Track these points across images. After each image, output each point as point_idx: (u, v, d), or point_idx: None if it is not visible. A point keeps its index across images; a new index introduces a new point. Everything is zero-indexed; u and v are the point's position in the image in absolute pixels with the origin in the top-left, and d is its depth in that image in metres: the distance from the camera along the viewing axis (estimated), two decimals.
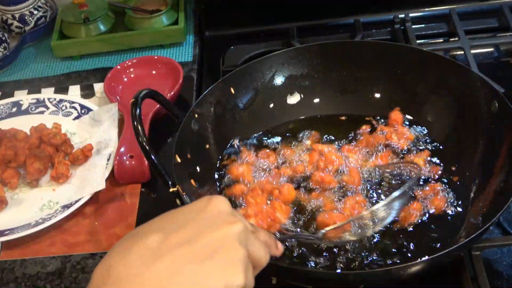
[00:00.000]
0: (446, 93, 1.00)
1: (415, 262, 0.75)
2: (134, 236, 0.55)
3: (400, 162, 0.94)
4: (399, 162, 0.94)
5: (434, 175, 0.93)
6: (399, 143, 0.97)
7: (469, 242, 0.76)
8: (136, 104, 0.84)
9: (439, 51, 1.16)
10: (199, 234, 0.54)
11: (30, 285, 0.91)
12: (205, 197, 0.59)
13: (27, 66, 1.32)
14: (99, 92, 1.22)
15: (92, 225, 0.98)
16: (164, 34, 1.29)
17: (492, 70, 1.16)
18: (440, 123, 1.00)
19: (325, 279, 0.79)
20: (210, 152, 0.99)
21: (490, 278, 0.80)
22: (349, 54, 1.06)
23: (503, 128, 0.89)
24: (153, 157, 0.84)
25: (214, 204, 0.57)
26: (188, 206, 0.59)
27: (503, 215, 0.87)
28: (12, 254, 0.95)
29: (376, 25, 1.29)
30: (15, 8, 1.33)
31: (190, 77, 1.23)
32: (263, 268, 0.61)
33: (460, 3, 1.28)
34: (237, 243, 0.54)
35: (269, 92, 1.06)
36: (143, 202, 1.01)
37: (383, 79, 1.05)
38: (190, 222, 0.55)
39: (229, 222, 0.56)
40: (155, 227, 0.56)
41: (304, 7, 1.30)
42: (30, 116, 1.16)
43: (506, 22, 1.22)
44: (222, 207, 0.58)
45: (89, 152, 1.05)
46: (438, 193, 0.90)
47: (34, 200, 1.02)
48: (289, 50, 1.07)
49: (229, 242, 0.54)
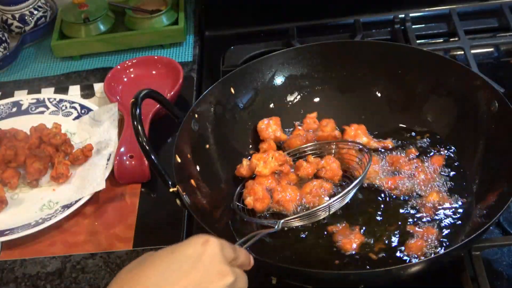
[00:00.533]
0: (446, 93, 1.00)
1: (415, 262, 0.75)
2: (127, 280, 0.56)
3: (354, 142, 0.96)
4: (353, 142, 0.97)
5: (433, 176, 0.93)
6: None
7: (469, 242, 0.76)
8: (136, 104, 0.84)
9: (439, 51, 1.16)
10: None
11: (30, 285, 0.91)
12: (199, 239, 0.59)
13: (27, 66, 1.32)
14: (99, 92, 1.22)
15: (92, 225, 0.98)
16: (164, 34, 1.29)
17: (492, 70, 1.16)
18: (440, 123, 1.00)
19: (325, 279, 0.79)
20: (210, 152, 0.98)
21: (490, 278, 0.80)
22: (349, 54, 1.06)
23: (503, 128, 0.89)
24: (153, 157, 0.84)
25: (208, 253, 0.58)
26: (182, 250, 0.59)
27: (503, 215, 0.87)
28: (12, 254, 0.95)
29: (376, 25, 1.29)
30: (15, 8, 1.33)
31: (190, 77, 1.23)
32: (263, 268, 0.61)
33: (460, 3, 1.28)
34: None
35: (269, 92, 1.06)
36: (143, 202, 1.01)
37: (383, 79, 1.05)
38: (184, 277, 0.56)
39: (221, 275, 0.58)
40: (147, 280, 0.56)
41: (304, 7, 1.30)
42: (30, 116, 1.16)
43: (506, 22, 1.22)
44: (215, 255, 0.58)
45: (89, 152, 1.05)
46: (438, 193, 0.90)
47: (34, 200, 1.02)
48: (289, 50, 1.07)
49: None
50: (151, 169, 1.00)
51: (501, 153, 0.88)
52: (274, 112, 1.06)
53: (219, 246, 0.59)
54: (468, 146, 0.95)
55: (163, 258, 0.58)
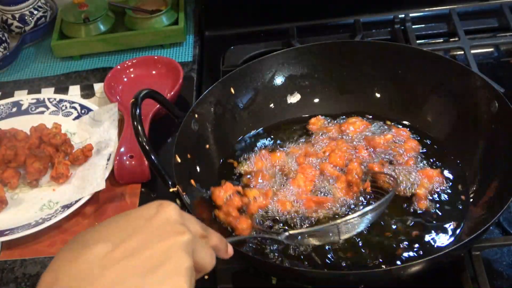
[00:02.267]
0: (446, 93, 1.00)
1: (415, 262, 0.75)
2: (80, 244, 0.55)
3: (381, 172, 0.92)
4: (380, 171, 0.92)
5: (433, 176, 0.93)
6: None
7: (469, 242, 0.76)
8: (136, 104, 0.84)
9: (439, 51, 1.16)
10: (146, 245, 0.53)
11: (30, 285, 0.91)
12: (155, 202, 0.58)
13: (27, 66, 1.32)
14: (99, 92, 1.22)
15: (92, 225, 0.98)
16: (164, 34, 1.29)
17: (492, 70, 1.16)
18: (440, 123, 1.00)
19: (325, 279, 0.79)
20: (210, 152, 0.99)
21: (490, 278, 0.80)
22: (349, 54, 1.06)
23: (503, 128, 0.89)
24: (153, 157, 0.84)
25: (163, 212, 0.56)
26: (137, 211, 0.57)
27: (503, 215, 0.87)
28: (12, 254, 0.95)
29: (376, 25, 1.29)
30: (15, 8, 1.33)
31: (190, 77, 1.23)
32: (263, 268, 0.61)
33: (460, 3, 1.28)
34: (183, 253, 0.54)
35: (269, 92, 1.06)
36: (143, 202, 1.00)
37: (383, 79, 1.05)
38: (137, 231, 0.55)
39: (176, 232, 0.55)
40: (102, 236, 0.55)
41: (304, 7, 1.30)
42: (30, 116, 1.16)
43: (506, 22, 1.22)
44: (171, 215, 0.56)
45: (89, 152, 1.05)
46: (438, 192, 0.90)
47: (34, 200, 1.02)
48: (289, 50, 1.07)
49: (175, 253, 0.54)
50: (151, 169, 1.00)
51: (501, 153, 0.88)
52: (274, 112, 1.06)
53: (175, 210, 0.57)
54: (468, 146, 0.95)
55: (118, 218, 0.57)
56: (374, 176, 0.92)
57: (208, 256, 0.59)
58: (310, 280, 0.80)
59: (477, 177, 0.91)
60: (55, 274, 0.53)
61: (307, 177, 0.93)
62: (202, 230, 0.60)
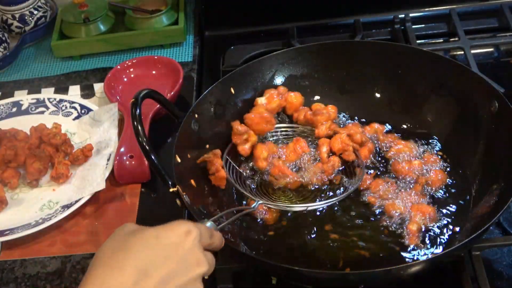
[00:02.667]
0: (446, 93, 1.00)
1: (415, 262, 0.75)
2: (114, 261, 0.59)
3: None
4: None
5: (434, 176, 0.93)
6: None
7: (469, 242, 0.76)
8: (136, 104, 0.84)
9: (439, 51, 1.16)
10: (173, 276, 0.61)
11: (30, 285, 0.91)
12: (181, 227, 0.64)
13: (27, 66, 1.32)
14: (99, 92, 1.22)
15: (92, 225, 0.98)
16: (164, 34, 1.29)
17: (492, 70, 1.16)
18: (440, 123, 1.00)
19: (325, 279, 0.79)
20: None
21: (490, 278, 0.80)
22: (349, 54, 1.06)
23: (503, 128, 0.89)
24: (153, 157, 0.84)
25: (187, 242, 0.63)
26: (167, 238, 0.63)
27: (503, 215, 0.87)
28: (12, 254, 0.95)
29: (376, 25, 1.29)
30: (15, 8, 1.33)
31: (190, 77, 1.23)
32: (263, 269, 0.62)
33: (460, 3, 1.28)
34: (199, 284, 0.63)
35: None
36: (143, 202, 1.01)
37: (383, 79, 1.05)
38: (167, 260, 0.61)
39: (197, 264, 0.63)
40: (133, 263, 0.60)
41: (304, 7, 1.30)
42: (30, 116, 1.16)
43: (506, 22, 1.22)
44: (194, 244, 0.63)
45: (89, 152, 1.05)
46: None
47: (34, 200, 1.02)
48: (289, 50, 1.07)
49: (194, 284, 0.63)
50: (151, 169, 1.00)
51: (501, 153, 0.88)
52: None
53: (199, 237, 0.64)
54: (468, 146, 0.95)
55: (149, 241, 0.62)
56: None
57: (212, 267, 0.67)
58: (310, 280, 0.80)
59: (477, 177, 0.92)
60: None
61: (296, 149, 0.98)
62: (209, 239, 0.68)
